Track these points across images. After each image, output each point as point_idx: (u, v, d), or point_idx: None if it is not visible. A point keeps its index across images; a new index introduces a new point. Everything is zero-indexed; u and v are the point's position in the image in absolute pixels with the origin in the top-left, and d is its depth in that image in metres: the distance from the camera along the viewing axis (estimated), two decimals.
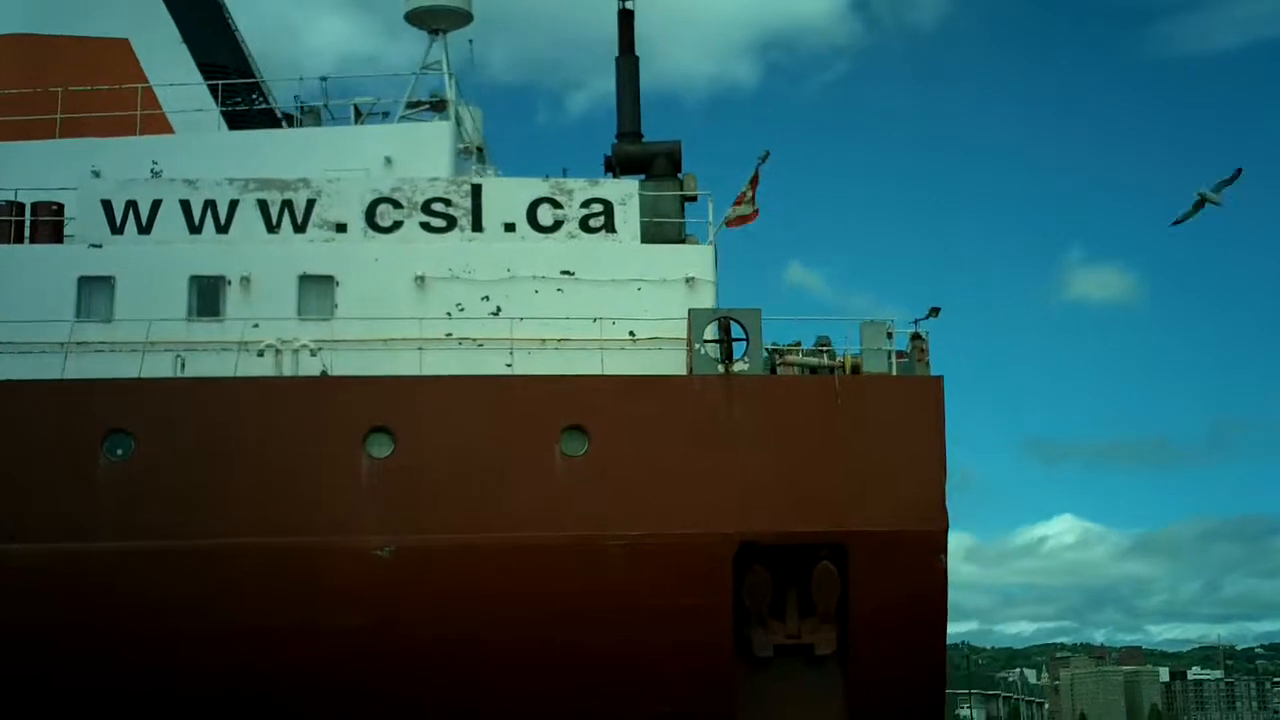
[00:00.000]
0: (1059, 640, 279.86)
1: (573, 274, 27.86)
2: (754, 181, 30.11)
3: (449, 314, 27.48)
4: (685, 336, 26.69)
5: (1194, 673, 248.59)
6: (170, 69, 31.88)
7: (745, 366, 26.49)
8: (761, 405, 26.27)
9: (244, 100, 31.79)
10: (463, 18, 32.23)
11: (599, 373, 26.42)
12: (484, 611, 25.27)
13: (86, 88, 31.07)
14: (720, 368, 26.25)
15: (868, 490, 25.99)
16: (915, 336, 27.66)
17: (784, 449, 25.98)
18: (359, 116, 31.06)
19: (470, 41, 33.18)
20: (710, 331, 26.46)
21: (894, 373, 27.16)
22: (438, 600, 25.22)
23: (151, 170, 29.38)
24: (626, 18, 31.37)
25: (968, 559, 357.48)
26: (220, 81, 31.71)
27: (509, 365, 26.94)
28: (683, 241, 29.01)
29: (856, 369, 26.99)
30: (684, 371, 26.73)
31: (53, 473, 25.43)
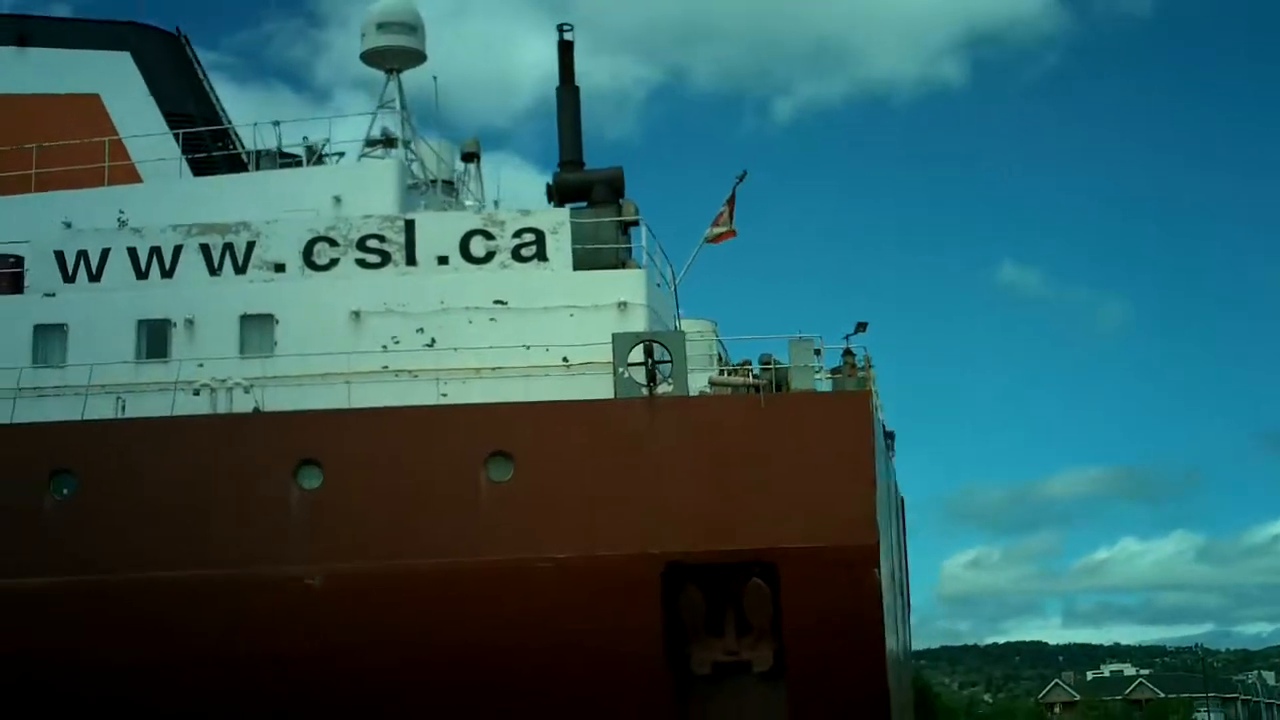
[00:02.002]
0: None
1: (505, 303, 28.29)
2: (730, 202, 31.03)
3: (384, 347, 28.05)
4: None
5: None
6: (139, 121, 32.97)
7: (669, 388, 26.67)
8: (685, 426, 26.44)
9: (208, 147, 32.70)
10: (416, 57, 33.02)
11: (524, 399, 26.78)
12: (415, 637, 25.69)
13: (59, 143, 32.25)
14: (644, 390, 26.48)
15: (794, 507, 25.96)
16: (846, 352, 27.71)
17: (708, 469, 26.08)
18: (313, 157, 31.77)
19: (435, 78, 34.11)
20: (635, 355, 26.70)
21: (846, 388, 27.30)
22: (369, 627, 25.70)
23: (119, 219, 30.32)
24: (566, 49, 31.85)
25: (1199, 559, 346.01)
26: (184, 130, 32.71)
27: (444, 395, 27.39)
28: (622, 267, 29.32)
29: (782, 386, 27.09)
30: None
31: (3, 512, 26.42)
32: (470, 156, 35.87)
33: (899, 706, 29.42)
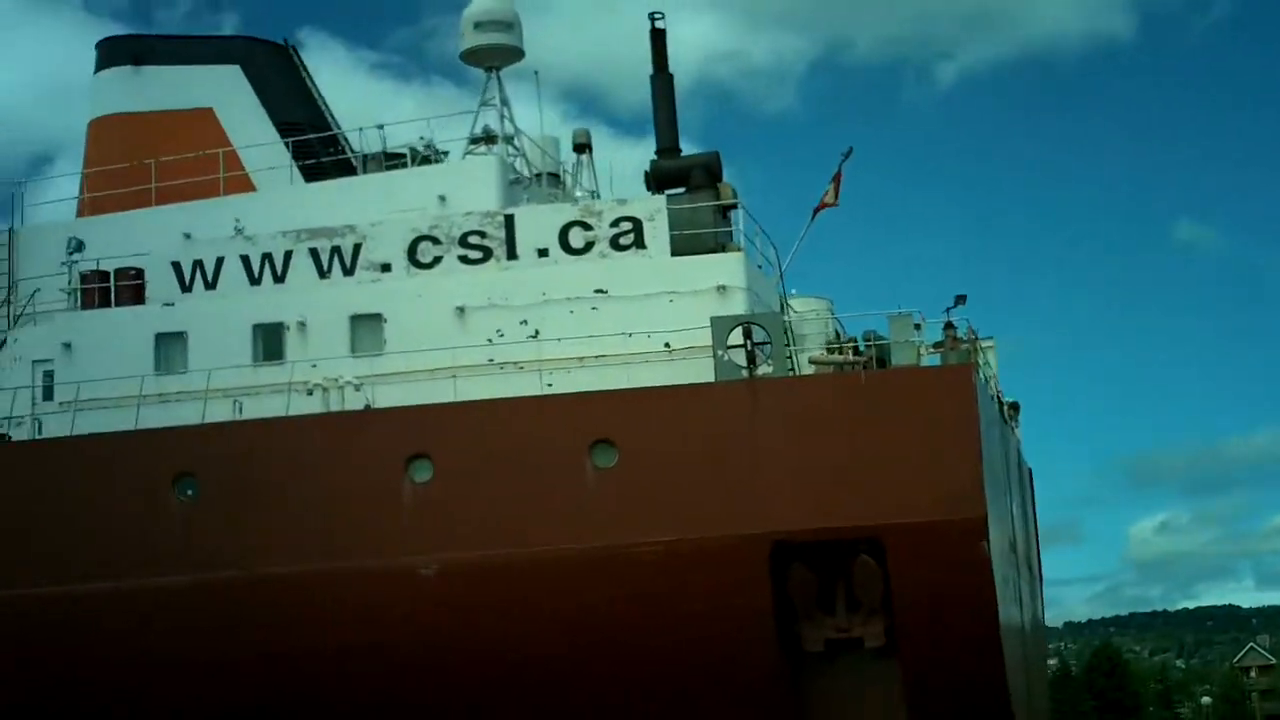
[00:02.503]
0: None
1: (606, 292, 28.62)
2: (837, 178, 32.18)
3: (489, 340, 28.57)
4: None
5: None
6: (251, 131, 33.96)
7: (769, 369, 26.78)
8: (786, 406, 26.52)
9: (318, 153, 33.55)
10: (514, 54, 33.60)
11: (627, 386, 27.08)
12: (526, 624, 26.19)
13: (176, 157, 33.36)
14: (744, 373, 26.62)
15: (898, 483, 25.90)
16: (947, 325, 27.56)
17: (810, 448, 26.15)
18: (416, 158, 32.41)
19: (536, 73, 34.66)
20: (734, 338, 26.84)
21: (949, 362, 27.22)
22: (481, 615, 26.24)
23: (235, 228, 31.29)
24: (659, 36, 32.06)
25: None
26: (294, 138, 33.62)
27: (549, 386, 27.82)
28: (722, 250, 29.47)
29: (883, 362, 27.06)
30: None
31: (130, 514, 27.45)
32: (581, 148, 36.36)
33: (1021, 680, 29.19)
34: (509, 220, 29.45)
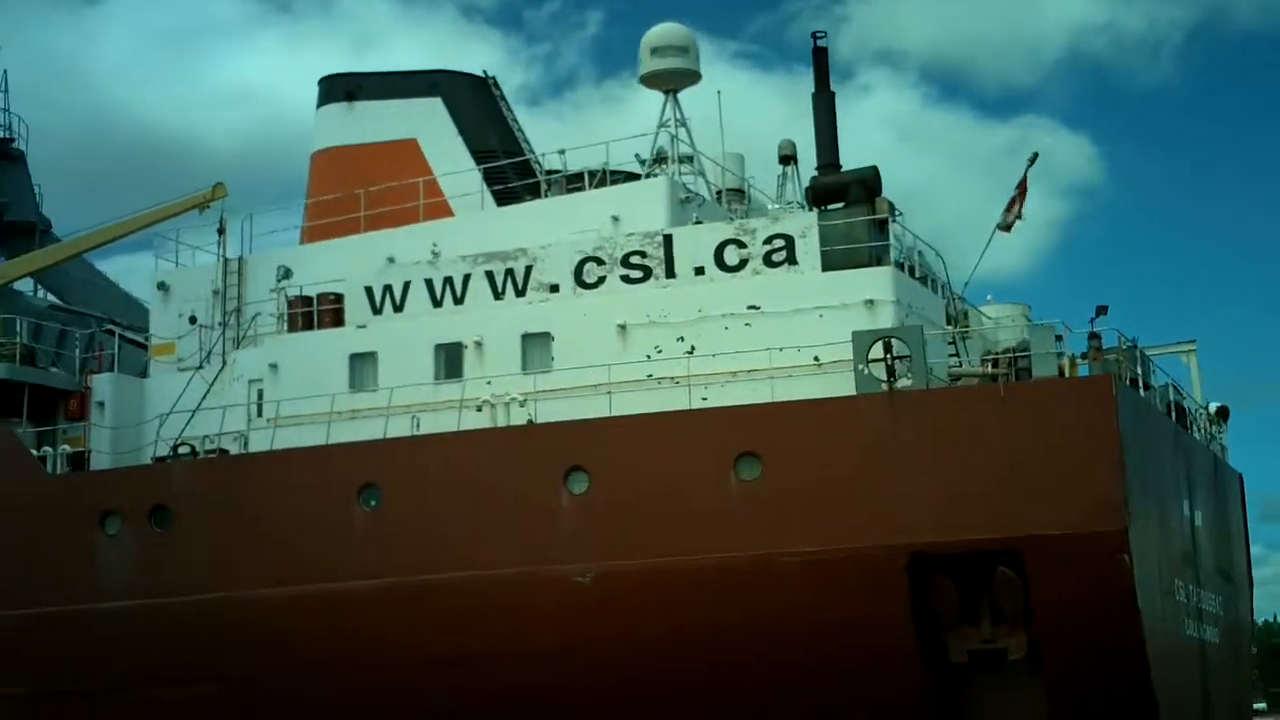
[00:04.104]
0: None
1: (758, 308, 29.52)
2: (1022, 187, 32.88)
3: (648, 356, 29.84)
4: None
5: None
6: (450, 159, 36.13)
7: (909, 383, 27.22)
8: (924, 419, 26.93)
9: (510, 179, 35.47)
10: (690, 77, 34.92)
11: (776, 400, 27.93)
12: (674, 630, 27.32)
13: (382, 186, 35.79)
14: (884, 386, 27.13)
15: (1036, 495, 26.03)
16: (1092, 336, 27.47)
17: (949, 460, 26.50)
18: (592, 180, 33.95)
19: (719, 93, 35.90)
20: (875, 351, 27.38)
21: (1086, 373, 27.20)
22: (633, 621, 27.53)
23: (432, 251, 33.47)
24: (820, 55, 32.70)
25: None
26: (488, 165, 35.65)
27: (704, 399, 28.91)
28: (878, 264, 29.97)
29: (1025, 373, 27.16)
30: None
31: (317, 524, 29.83)
32: (787, 159, 37.39)
33: (1196, 692, 28.80)
34: (668, 240, 30.67)
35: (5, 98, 46.00)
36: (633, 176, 34.67)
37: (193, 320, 36.37)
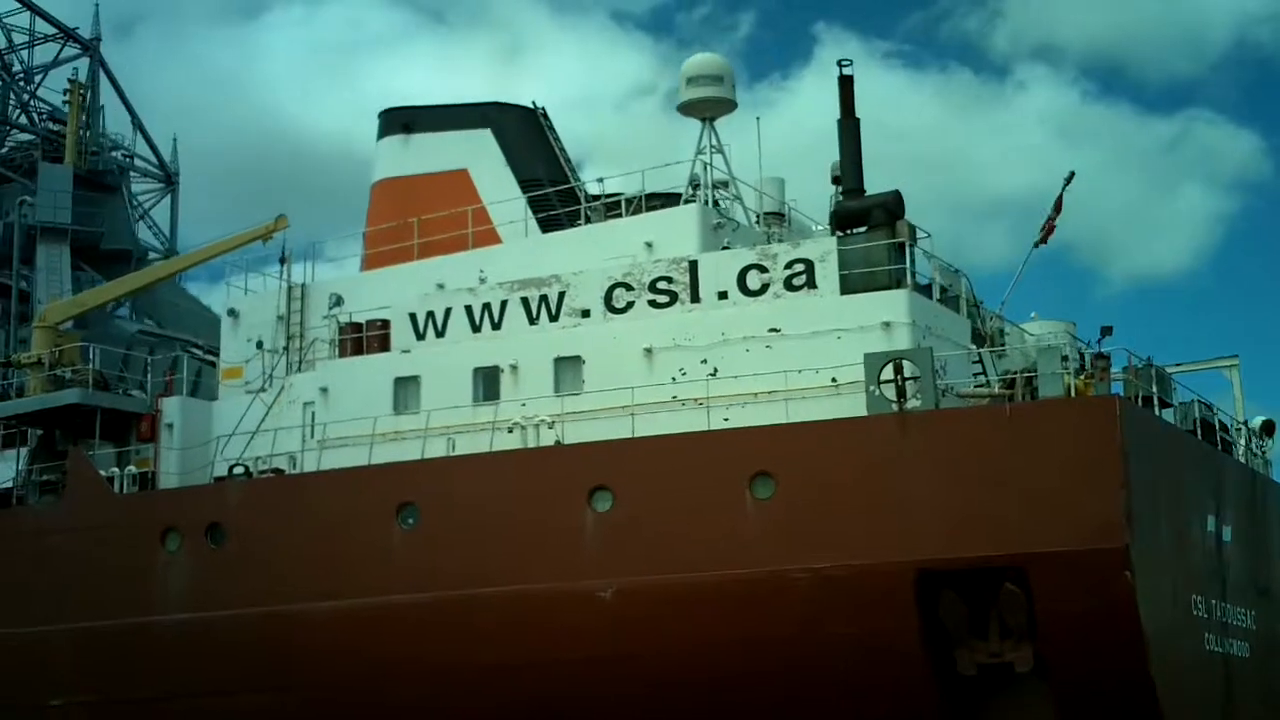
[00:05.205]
0: None
1: (779, 331, 30.42)
2: (1058, 204, 34.56)
3: (673, 379, 30.86)
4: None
5: None
6: (498, 188, 37.57)
7: (918, 403, 27.91)
8: (933, 439, 27.62)
9: (554, 207, 36.80)
10: (727, 105, 36.01)
11: (788, 421, 28.79)
12: (694, 644, 28.27)
13: (435, 214, 37.28)
14: (894, 406, 27.86)
15: (1040, 513, 26.59)
16: (1098, 356, 27.94)
17: (955, 479, 27.18)
18: (629, 206, 35.11)
19: (758, 118, 36.91)
20: (886, 373, 28.12)
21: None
22: (653, 635, 28.53)
23: (480, 278, 34.85)
24: (846, 83, 33.48)
25: None
26: (533, 194, 37.03)
27: (725, 420, 29.85)
28: (898, 287, 30.69)
29: (1033, 394, 27.74)
30: None
31: (359, 542, 31.26)
32: (838, 180, 38.15)
33: (1190, 707, 29.09)
34: (693, 265, 31.70)
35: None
36: (673, 200, 35.78)
37: (259, 345, 38.15)
